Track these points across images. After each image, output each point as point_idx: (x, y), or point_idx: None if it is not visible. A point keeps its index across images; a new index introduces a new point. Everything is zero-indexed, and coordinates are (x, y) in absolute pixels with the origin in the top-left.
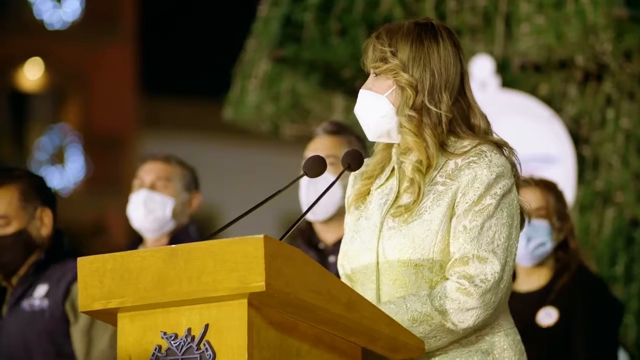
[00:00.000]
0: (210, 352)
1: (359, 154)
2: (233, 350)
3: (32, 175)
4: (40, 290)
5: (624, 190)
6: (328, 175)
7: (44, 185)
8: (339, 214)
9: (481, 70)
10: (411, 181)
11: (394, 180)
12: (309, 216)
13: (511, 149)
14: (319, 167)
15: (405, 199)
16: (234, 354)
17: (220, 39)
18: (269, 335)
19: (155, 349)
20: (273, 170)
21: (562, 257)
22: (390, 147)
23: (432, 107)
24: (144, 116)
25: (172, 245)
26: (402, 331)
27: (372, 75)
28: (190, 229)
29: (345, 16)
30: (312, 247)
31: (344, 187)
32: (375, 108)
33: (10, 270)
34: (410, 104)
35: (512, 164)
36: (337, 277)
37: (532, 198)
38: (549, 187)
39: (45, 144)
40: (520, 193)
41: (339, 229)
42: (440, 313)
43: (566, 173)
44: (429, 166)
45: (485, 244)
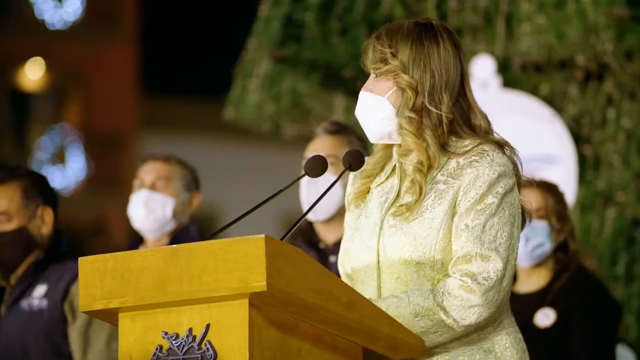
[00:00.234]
0: (211, 352)
1: (360, 154)
2: (234, 350)
3: (35, 174)
4: (39, 290)
5: (625, 190)
6: (328, 175)
7: (46, 184)
8: (339, 214)
9: (482, 70)
10: (412, 181)
11: (395, 179)
12: (310, 216)
13: (512, 149)
14: (321, 167)
15: (407, 198)
16: (235, 354)
17: (221, 38)
18: (270, 335)
19: (157, 348)
20: (274, 169)
21: (562, 259)
22: (391, 146)
23: (433, 108)
24: (145, 116)
25: (173, 245)
26: (403, 330)
27: (373, 76)
28: (191, 228)
29: (346, 16)
30: (313, 247)
31: (344, 187)
32: (376, 110)
33: (9, 267)
34: (411, 105)
35: (514, 164)
36: (338, 277)
37: (532, 199)
38: (548, 189)
39: (46, 144)
40: (520, 193)
41: (340, 228)
42: (442, 309)
43: (567, 173)
44: (429, 166)
45: (487, 243)
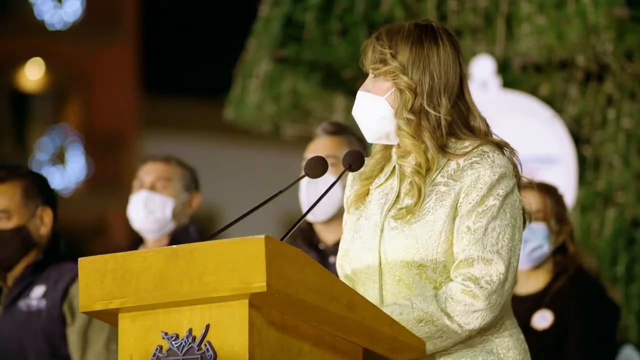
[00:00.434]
0: (211, 353)
1: (360, 154)
2: (234, 350)
3: (36, 174)
4: (38, 291)
5: (625, 191)
6: (328, 176)
7: (46, 185)
8: (339, 215)
9: (482, 71)
10: (411, 184)
11: (394, 180)
12: (309, 217)
13: (512, 150)
14: (321, 168)
15: (406, 200)
16: (235, 355)
17: (221, 38)
18: (270, 335)
19: (157, 349)
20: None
21: (561, 261)
22: (389, 147)
23: (431, 111)
24: (145, 116)
25: (173, 246)
26: (404, 331)
27: (371, 76)
28: (191, 229)
29: (346, 16)
30: (313, 248)
31: (344, 188)
32: (374, 109)
33: (6, 266)
34: (409, 106)
35: (514, 165)
36: (338, 278)
37: (531, 201)
38: (548, 190)
39: (46, 144)
40: (520, 194)
41: (339, 229)
42: (446, 314)
43: (567, 173)
44: (428, 168)
45: (489, 245)
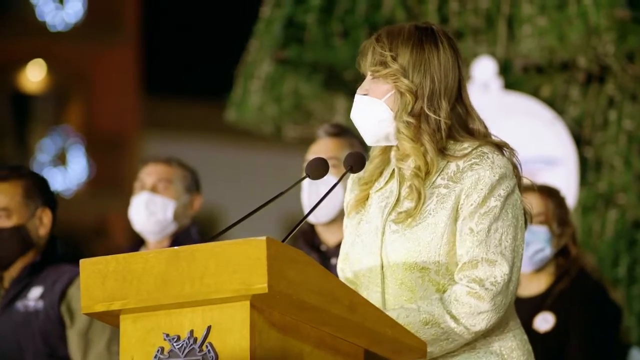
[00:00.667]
0: (212, 354)
1: (361, 156)
2: (235, 352)
3: (37, 175)
4: (35, 292)
5: (626, 192)
6: (330, 178)
7: (47, 186)
8: (340, 216)
9: (483, 72)
10: (411, 187)
11: (394, 183)
12: (311, 218)
13: (512, 150)
14: (322, 169)
15: (407, 204)
16: (236, 356)
17: (223, 40)
18: (271, 336)
19: (158, 350)
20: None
21: (563, 263)
22: (388, 151)
23: (431, 114)
24: (146, 117)
25: (175, 247)
26: (405, 333)
27: (369, 77)
28: (192, 230)
29: (348, 18)
30: (314, 249)
31: (345, 190)
32: (374, 112)
33: (4, 264)
34: (409, 109)
35: (514, 165)
36: (339, 279)
37: (533, 203)
38: (549, 193)
39: (47, 145)
40: (521, 195)
41: (341, 231)
42: (452, 317)
43: (568, 175)
44: (428, 171)
45: (493, 247)
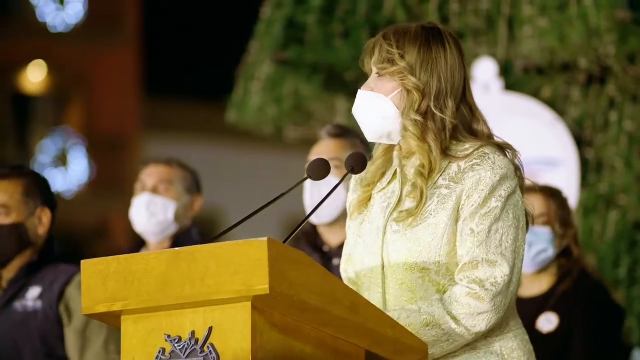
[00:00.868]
0: (214, 355)
1: (362, 157)
2: (237, 353)
3: (38, 175)
4: (33, 292)
5: (627, 193)
6: (332, 179)
7: (47, 186)
8: (343, 217)
9: (484, 73)
10: (414, 186)
11: (396, 184)
12: (313, 219)
13: (514, 151)
14: (323, 170)
15: (408, 203)
16: (237, 357)
17: (223, 41)
18: (273, 338)
19: (159, 351)
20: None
21: (565, 264)
22: (390, 152)
23: (438, 113)
24: (147, 118)
25: (176, 248)
26: (406, 334)
27: (375, 75)
28: (193, 231)
29: (349, 18)
30: (316, 250)
31: (348, 190)
32: (378, 109)
33: (1, 262)
34: (416, 107)
35: (515, 166)
36: (341, 280)
37: (535, 204)
38: (552, 194)
39: (48, 147)
40: (523, 196)
41: (343, 231)
42: (453, 318)
43: (569, 176)
44: (431, 170)
45: (493, 248)
